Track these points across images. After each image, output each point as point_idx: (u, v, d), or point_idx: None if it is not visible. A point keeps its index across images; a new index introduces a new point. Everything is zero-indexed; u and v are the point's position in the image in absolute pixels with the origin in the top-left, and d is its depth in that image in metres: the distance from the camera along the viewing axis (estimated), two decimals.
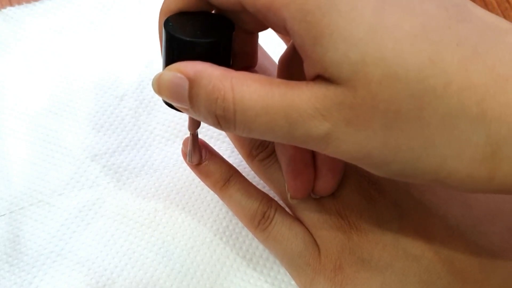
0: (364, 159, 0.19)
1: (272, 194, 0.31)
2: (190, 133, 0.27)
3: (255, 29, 0.24)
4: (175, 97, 0.21)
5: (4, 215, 0.32)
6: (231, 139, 0.30)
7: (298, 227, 0.27)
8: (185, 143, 0.29)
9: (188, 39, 0.21)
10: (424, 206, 0.26)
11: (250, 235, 0.31)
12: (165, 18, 0.22)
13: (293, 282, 0.29)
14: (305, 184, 0.26)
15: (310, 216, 0.27)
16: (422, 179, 0.19)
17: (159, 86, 0.21)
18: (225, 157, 0.30)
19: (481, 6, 0.20)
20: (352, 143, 0.19)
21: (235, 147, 0.30)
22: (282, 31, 0.20)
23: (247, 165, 0.32)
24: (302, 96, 0.19)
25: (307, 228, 0.27)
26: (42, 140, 0.35)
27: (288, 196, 0.27)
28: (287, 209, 0.29)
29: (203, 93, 0.20)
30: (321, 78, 0.18)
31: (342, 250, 0.26)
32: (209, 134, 0.35)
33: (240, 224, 0.31)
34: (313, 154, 0.27)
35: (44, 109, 0.36)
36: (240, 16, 0.22)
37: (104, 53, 0.39)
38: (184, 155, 0.29)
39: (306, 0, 0.18)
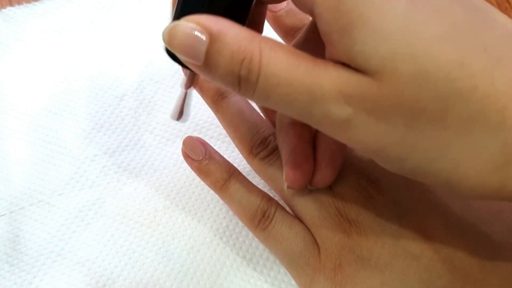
0: (379, 152, 0.19)
1: (272, 194, 0.31)
2: (182, 91, 0.25)
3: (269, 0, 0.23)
4: (189, 51, 0.19)
5: (4, 215, 0.32)
6: (231, 138, 0.30)
7: (298, 226, 0.27)
8: (185, 142, 0.29)
9: None
10: (424, 205, 0.26)
11: (250, 235, 0.31)
12: None
13: (293, 282, 0.29)
14: (303, 176, 0.26)
15: (310, 214, 0.27)
16: (433, 181, 0.19)
17: (171, 37, 0.19)
18: (225, 156, 0.30)
19: None
20: (370, 134, 0.18)
21: (236, 146, 0.30)
22: (307, 12, 0.19)
23: (247, 165, 0.32)
24: (328, 76, 0.18)
25: (307, 227, 0.27)
26: (42, 140, 0.35)
27: (285, 186, 0.27)
28: (287, 208, 0.29)
29: (228, 52, 0.19)
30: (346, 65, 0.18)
31: (341, 248, 0.26)
32: (209, 134, 0.35)
33: (240, 224, 0.31)
34: (314, 147, 0.27)
35: (44, 109, 0.36)
36: None
37: (104, 53, 0.39)
38: (185, 154, 0.29)
39: None
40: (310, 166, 0.26)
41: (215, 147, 0.30)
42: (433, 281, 0.24)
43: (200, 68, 0.20)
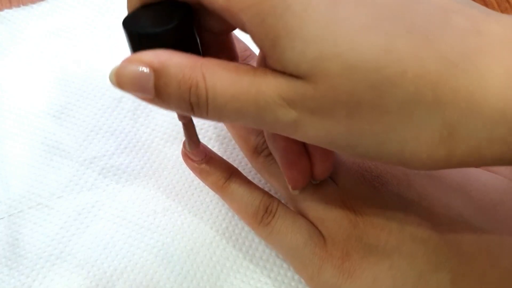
0: (331, 144, 0.20)
1: (273, 193, 0.31)
2: (182, 123, 0.27)
3: (220, 30, 0.24)
4: (138, 88, 0.20)
5: (3, 218, 0.32)
6: (234, 137, 0.30)
7: (301, 220, 0.27)
8: (185, 144, 0.29)
9: (146, 31, 0.21)
10: (427, 197, 0.27)
11: (250, 236, 0.31)
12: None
13: (293, 284, 0.29)
14: (303, 173, 0.26)
15: (315, 208, 0.27)
16: (387, 161, 0.20)
17: (119, 79, 0.21)
18: (224, 157, 0.30)
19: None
20: (319, 130, 0.20)
21: (239, 145, 0.30)
22: (242, 29, 0.20)
23: (246, 167, 0.32)
24: (268, 85, 0.19)
25: (311, 222, 0.28)
26: (41, 143, 0.35)
27: (290, 188, 0.27)
28: (289, 206, 0.29)
29: (174, 82, 0.20)
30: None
31: (348, 238, 0.26)
32: (208, 135, 0.35)
33: (240, 225, 0.31)
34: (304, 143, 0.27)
35: (42, 111, 0.36)
36: (203, 16, 0.22)
37: (101, 54, 0.39)
38: (184, 155, 0.29)
39: (261, 4, 0.18)
40: (305, 161, 0.26)
41: (214, 148, 0.30)
42: (441, 262, 0.25)
43: (153, 101, 0.21)
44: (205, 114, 0.21)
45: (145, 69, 0.20)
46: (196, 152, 0.28)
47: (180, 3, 0.22)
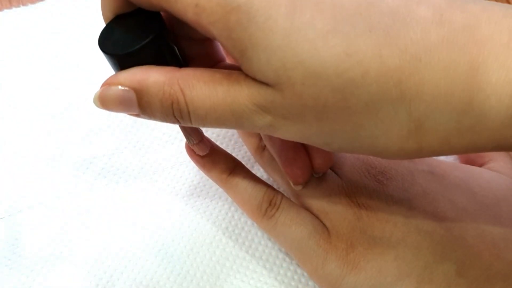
0: (308, 141, 0.22)
1: (276, 187, 0.31)
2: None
3: (202, 37, 0.24)
4: (124, 108, 0.22)
5: (3, 218, 0.32)
6: (239, 134, 0.31)
7: (305, 212, 0.28)
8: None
9: (122, 52, 0.21)
10: (431, 192, 0.27)
11: (250, 236, 0.31)
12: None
13: (293, 283, 0.29)
14: (303, 168, 0.27)
15: (319, 201, 0.27)
16: (363, 153, 0.21)
17: (103, 102, 0.22)
18: (228, 150, 0.30)
19: None
20: (293, 132, 0.21)
21: (243, 141, 0.31)
22: (216, 39, 0.21)
23: (249, 162, 0.32)
24: (242, 93, 0.20)
25: (314, 215, 0.28)
26: (41, 143, 0.35)
27: (291, 184, 0.27)
28: (293, 200, 0.29)
29: (156, 100, 0.21)
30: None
31: (352, 230, 0.26)
32: (210, 130, 0.35)
33: (240, 225, 0.31)
34: None
35: (42, 111, 0.36)
36: (181, 25, 0.23)
37: (101, 55, 0.39)
38: (188, 149, 0.29)
39: (228, 18, 0.19)
40: (304, 156, 0.27)
41: (218, 142, 0.30)
42: (447, 254, 0.25)
43: (141, 116, 0.22)
44: (190, 123, 0.22)
45: (126, 90, 0.21)
46: (200, 147, 0.28)
47: (152, 14, 0.22)
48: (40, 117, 0.36)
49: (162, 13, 0.22)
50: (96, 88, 0.22)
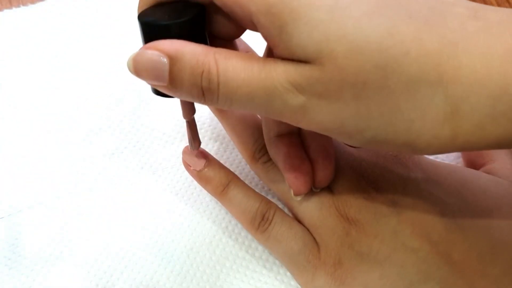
0: (339, 129, 0.21)
1: (270, 197, 0.31)
2: (186, 121, 0.27)
3: (227, 35, 0.25)
4: (154, 75, 0.21)
5: (3, 218, 0.32)
6: (235, 143, 0.31)
7: (297, 227, 0.28)
8: (185, 152, 0.30)
9: (161, 23, 0.22)
10: (421, 203, 0.27)
11: (250, 235, 0.31)
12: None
13: (293, 283, 0.29)
14: (305, 178, 0.27)
15: (310, 215, 0.28)
16: (394, 145, 0.21)
17: (136, 65, 0.22)
18: (224, 158, 0.30)
19: None
20: (326, 114, 0.20)
21: (239, 150, 0.31)
22: (249, 24, 0.21)
23: (245, 168, 0.33)
24: (278, 70, 0.20)
25: (306, 228, 0.28)
26: (40, 142, 0.35)
27: (291, 193, 0.27)
28: (286, 211, 0.29)
29: (188, 68, 0.21)
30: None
31: (341, 245, 0.27)
32: (208, 135, 0.35)
33: (240, 225, 0.31)
34: (305, 149, 0.27)
35: (42, 111, 0.36)
36: (212, 21, 0.23)
37: (101, 54, 0.39)
38: (185, 164, 0.30)
39: None
40: (307, 166, 0.27)
41: (214, 149, 0.30)
42: (431, 272, 0.25)
43: (167, 88, 0.22)
44: (216, 99, 0.21)
45: (161, 57, 0.21)
46: (197, 159, 0.29)
47: (193, 3, 0.23)
48: (40, 117, 0.36)
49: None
50: (96, 88, 0.22)
